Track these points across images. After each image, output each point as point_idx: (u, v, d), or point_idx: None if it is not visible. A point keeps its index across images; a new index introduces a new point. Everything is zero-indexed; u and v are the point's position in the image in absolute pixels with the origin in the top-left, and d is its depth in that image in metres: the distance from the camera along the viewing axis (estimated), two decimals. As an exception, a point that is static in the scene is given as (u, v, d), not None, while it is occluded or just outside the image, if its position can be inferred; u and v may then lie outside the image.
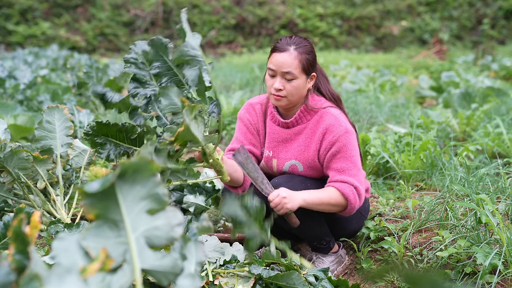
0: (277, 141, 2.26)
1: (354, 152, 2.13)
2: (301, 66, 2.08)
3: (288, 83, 2.09)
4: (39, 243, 2.33)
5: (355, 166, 2.12)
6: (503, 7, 18.38)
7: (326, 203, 2.07)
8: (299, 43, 2.10)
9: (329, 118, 2.15)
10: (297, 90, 2.11)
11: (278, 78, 2.09)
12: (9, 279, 0.86)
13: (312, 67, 2.12)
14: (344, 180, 2.10)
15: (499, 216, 1.90)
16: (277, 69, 2.08)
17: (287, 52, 2.08)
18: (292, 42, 2.10)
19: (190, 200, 2.59)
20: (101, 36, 18.76)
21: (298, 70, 2.07)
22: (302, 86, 2.12)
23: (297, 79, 2.09)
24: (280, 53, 2.08)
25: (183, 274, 1.04)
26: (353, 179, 2.11)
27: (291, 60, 2.06)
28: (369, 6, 19.63)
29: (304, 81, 2.11)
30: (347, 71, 9.49)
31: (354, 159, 2.13)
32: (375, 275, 1.02)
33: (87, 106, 5.47)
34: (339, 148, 2.12)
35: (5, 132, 2.43)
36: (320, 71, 2.25)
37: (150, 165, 0.97)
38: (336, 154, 2.13)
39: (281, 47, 2.10)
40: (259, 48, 18.19)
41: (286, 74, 2.07)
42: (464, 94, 5.48)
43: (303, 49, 2.09)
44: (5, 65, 7.94)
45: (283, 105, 2.15)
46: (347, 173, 2.11)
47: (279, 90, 2.10)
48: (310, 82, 2.16)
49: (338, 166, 2.12)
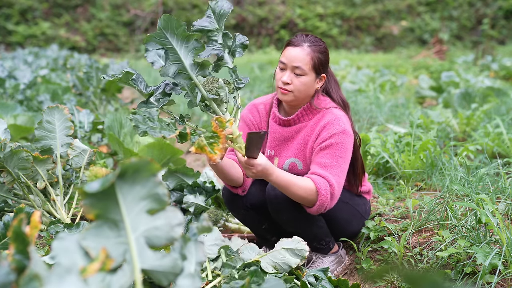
0: (279, 140, 2.26)
1: (343, 153, 2.09)
2: (312, 63, 2.08)
3: (296, 78, 2.09)
4: (39, 243, 2.33)
5: (339, 166, 2.07)
6: (503, 7, 18.38)
7: (295, 190, 2.00)
8: (314, 41, 2.11)
9: (330, 116, 2.14)
10: (304, 87, 2.10)
11: (287, 71, 2.10)
12: (9, 279, 0.86)
13: (323, 67, 2.12)
14: (322, 175, 2.05)
15: (499, 216, 1.90)
16: (288, 62, 2.09)
17: (301, 47, 2.09)
18: (308, 39, 2.11)
19: (190, 200, 2.59)
20: (101, 36, 18.76)
21: (309, 66, 2.07)
22: (310, 84, 2.11)
23: (306, 75, 2.08)
24: (293, 48, 2.10)
25: (183, 274, 1.04)
26: (332, 177, 2.05)
27: (303, 55, 2.07)
28: (369, 6, 19.64)
29: (312, 79, 2.11)
30: (347, 71, 9.49)
31: (340, 160, 2.08)
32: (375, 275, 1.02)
33: (87, 106, 5.48)
34: (330, 144, 2.08)
35: (5, 132, 2.43)
36: (332, 76, 2.25)
37: (150, 165, 0.97)
38: (324, 149, 2.09)
39: (296, 42, 2.11)
40: (259, 48, 18.19)
41: (296, 69, 2.07)
42: (464, 94, 5.48)
43: (317, 48, 2.10)
44: (5, 65, 7.94)
45: (288, 100, 2.14)
46: (328, 169, 2.06)
47: (286, 84, 2.10)
48: (319, 83, 2.15)
49: (322, 161, 2.08)
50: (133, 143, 3.90)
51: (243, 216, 2.32)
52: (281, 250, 1.93)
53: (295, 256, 1.91)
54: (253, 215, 2.30)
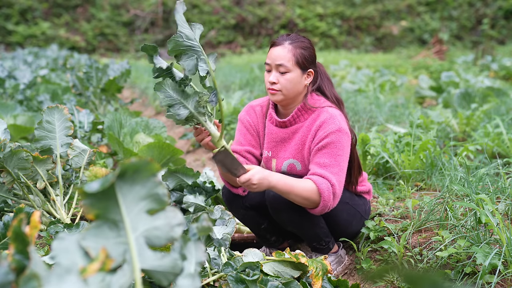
0: (276, 141, 2.26)
1: (341, 151, 2.09)
2: (295, 59, 2.08)
3: (282, 76, 2.09)
4: (39, 243, 2.33)
5: (338, 164, 2.07)
6: (503, 7, 18.38)
7: (297, 194, 2.01)
8: (295, 38, 2.12)
9: (325, 115, 2.13)
10: (291, 84, 2.10)
11: (273, 72, 2.11)
12: (8, 279, 0.86)
13: (308, 62, 2.12)
14: (323, 175, 2.05)
15: (499, 216, 1.90)
16: (272, 62, 2.10)
17: (281, 45, 2.10)
18: (289, 37, 2.13)
19: (190, 200, 2.59)
20: (101, 36, 18.76)
21: (291, 62, 2.08)
22: (296, 80, 2.11)
23: (290, 72, 2.09)
24: (275, 47, 2.12)
25: (183, 274, 1.04)
26: (333, 176, 2.05)
27: (284, 53, 2.08)
28: (369, 6, 19.64)
29: (298, 75, 2.11)
30: (347, 71, 9.49)
31: (339, 158, 2.08)
32: (375, 275, 1.02)
33: (87, 106, 5.47)
34: (327, 143, 2.08)
35: (4, 132, 2.43)
36: (324, 74, 2.25)
37: (150, 165, 0.97)
38: (322, 149, 2.09)
39: (277, 41, 2.13)
40: (258, 48, 18.19)
41: (280, 67, 2.08)
42: (464, 94, 5.48)
43: (298, 44, 2.11)
44: (5, 65, 7.94)
45: (279, 100, 2.15)
46: (328, 169, 2.06)
47: (273, 84, 2.11)
48: (307, 79, 2.15)
49: (321, 161, 2.08)
50: (133, 143, 3.90)
51: (243, 215, 2.32)
52: (284, 262, 1.92)
53: (297, 269, 1.90)
54: (252, 214, 2.30)
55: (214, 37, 18.29)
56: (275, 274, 1.88)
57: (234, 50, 17.91)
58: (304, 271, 1.88)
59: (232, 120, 4.87)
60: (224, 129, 2.02)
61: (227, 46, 18.36)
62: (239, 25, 18.75)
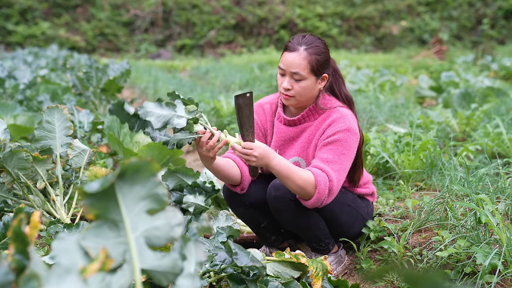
0: (284, 139, 2.25)
1: (346, 151, 2.08)
2: (310, 67, 2.05)
3: (296, 83, 2.07)
4: (39, 243, 2.33)
5: (341, 162, 2.06)
6: (503, 7, 18.39)
7: (294, 180, 1.99)
8: (310, 43, 2.07)
9: (336, 114, 2.12)
10: (305, 91, 2.09)
11: (287, 77, 2.09)
12: (8, 279, 0.86)
13: (322, 68, 2.09)
14: (323, 169, 2.03)
15: (499, 216, 1.90)
16: (286, 68, 2.07)
17: (297, 52, 2.06)
18: (304, 41, 2.08)
19: (189, 200, 2.59)
20: (100, 36, 18.77)
21: (307, 71, 2.05)
22: (311, 87, 2.09)
23: (305, 80, 2.06)
24: (290, 53, 2.07)
25: (183, 274, 1.04)
26: (333, 172, 2.04)
27: (300, 60, 2.04)
28: (368, 6, 19.65)
29: (313, 82, 2.09)
30: (347, 71, 9.49)
31: (343, 157, 2.07)
32: (375, 275, 1.02)
33: (86, 106, 5.47)
34: (333, 140, 2.07)
35: (4, 132, 2.43)
36: (336, 71, 2.22)
37: (150, 165, 0.97)
38: (327, 145, 2.08)
39: (292, 46, 2.08)
40: (258, 48, 18.20)
41: (294, 75, 2.06)
42: (464, 94, 5.48)
43: (314, 50, 2.06)
44: (4, 65, 7.94)
45: (292, 104, 2.14)
46: (330, 165, 2.05)
47: (287, 90, 2.09)
48: (321, 83, 2.13)
49: (324, 156, 2.07)
50: (132, 143, 3.90)
51: (242, 214, 2.32)
52: (284, 262, 1.92)
53: (297, 269, 1.90)
54: (252, 213, 2.30)
55: (214, 37, 18.29)
56: (275, 274, 1.88)
57: (234, 50, 17.91)
58: (304, 271, 1.88)
59: (232, 120, 4.87)
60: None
61: (227, 46, 18.36)
62: (239, 25, 18.75)
